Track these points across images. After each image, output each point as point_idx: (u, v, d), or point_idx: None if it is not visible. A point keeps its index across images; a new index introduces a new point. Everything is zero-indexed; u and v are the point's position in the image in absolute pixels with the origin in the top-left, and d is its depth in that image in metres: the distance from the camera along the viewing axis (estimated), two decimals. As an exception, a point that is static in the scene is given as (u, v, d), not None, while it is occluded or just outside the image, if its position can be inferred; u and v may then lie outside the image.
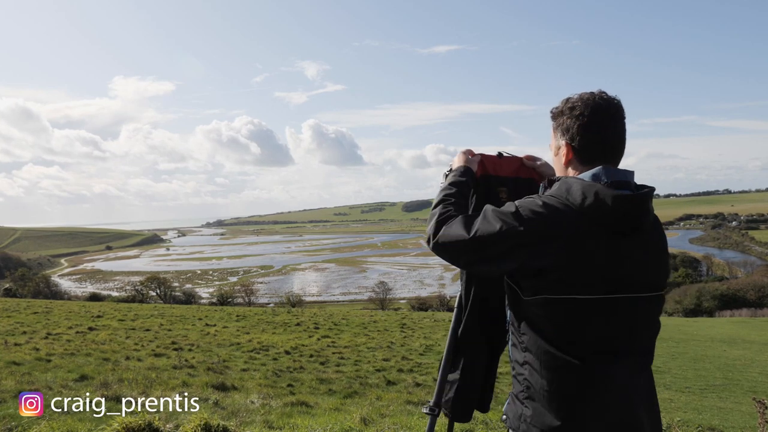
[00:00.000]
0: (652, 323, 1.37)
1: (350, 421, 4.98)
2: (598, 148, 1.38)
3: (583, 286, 1.26)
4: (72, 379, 7.21)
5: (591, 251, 1.26)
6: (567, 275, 1.26)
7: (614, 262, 1.28)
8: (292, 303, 50.94)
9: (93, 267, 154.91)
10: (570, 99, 1.42)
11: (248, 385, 7.99)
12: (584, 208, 1.27)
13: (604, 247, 1.27)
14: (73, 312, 20.50)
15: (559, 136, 1.44)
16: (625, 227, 1.28)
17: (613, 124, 1.38)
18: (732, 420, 6.29)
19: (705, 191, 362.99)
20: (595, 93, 1.39)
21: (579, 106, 1.38)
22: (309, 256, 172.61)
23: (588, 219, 1.27)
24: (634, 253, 1.30)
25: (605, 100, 1.38)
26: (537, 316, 1.32)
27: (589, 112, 1.36)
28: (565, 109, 1.42)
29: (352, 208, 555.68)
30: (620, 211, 1.26)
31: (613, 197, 1.25)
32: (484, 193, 1.77)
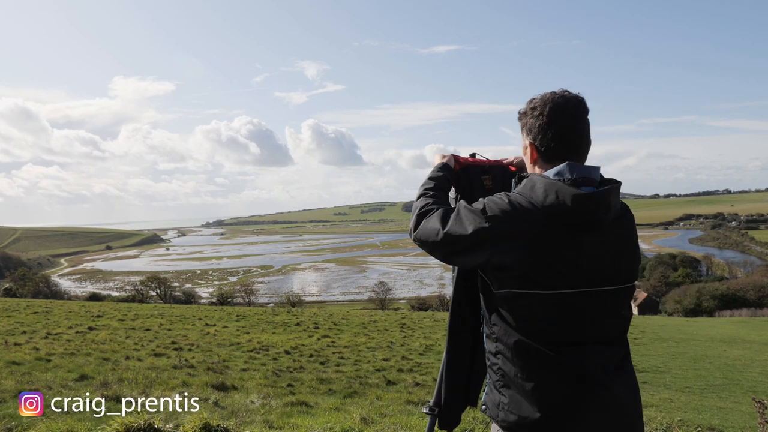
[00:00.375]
0: (619, 314, 1.41)
1: (350, 421, 4.98)
2: (560, 146, 1.41)
3: (545, 282, 1.31)
4: (72, 379, 7.21)
5: (553, 248, 1.30)
6: (530, 272, 1.31)
7: (576, 258, 1.32)
8: (292, 303, 50.94)
9: (93, 267, 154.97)
10: (533, 100, 1.46)
11: (248, 385, 7.99)
12: (546, 206, 1.31)
13: (566, 244, 1.31)
14: (73, 312, 20.50)
15: (525, 135, 1.50)
16: (585, 224, 1.32)
17: (574, 122, 1.42)
18: (732, 420, 6.29)
19: (705, 191, 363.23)
20: (556, 92, 1.44)
21: (539, 106, 1.43)
22: (309, 256, 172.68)
23: (550, 216, 1.31)
24: (597, 249, 1.34)
25: (565, 98, 1.42)
26: (505, 308, 1.37)
27: (548, 111, 1.41)
28: (528, 110, 1.47)
29: (352, 208, 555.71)
30: (581, 208, 1.30)
31: (573, 195, 1.29)
32: (468, 185, 1.84)
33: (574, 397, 1.31)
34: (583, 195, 1.30)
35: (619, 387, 1.36)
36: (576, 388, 1.31)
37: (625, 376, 1.40)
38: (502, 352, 1.39)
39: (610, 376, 1.35)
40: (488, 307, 1.44)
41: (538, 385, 1.32)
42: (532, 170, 1.49)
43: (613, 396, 1.34)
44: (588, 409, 1.31)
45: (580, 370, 1.32)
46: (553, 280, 1.31)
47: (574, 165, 1.38)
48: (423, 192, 1.66)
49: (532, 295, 1.32)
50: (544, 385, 1.32)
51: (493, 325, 1.42)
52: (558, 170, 1.39)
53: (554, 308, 1.32)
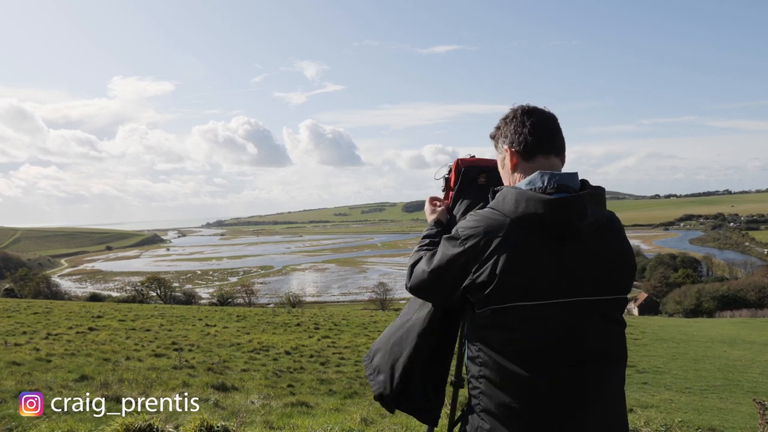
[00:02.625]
0: (607, 328, 1.35)
1: (350, 421, 4.98)
2: (536, 139, 1.44)
3: (525, 293, 1.28)
4: (72, 380, 7.21)
5: (530, 259, 1.28)
6: (509, 285, 1.28)
7: (555, 267, 1.29)
8: (293, 303, 50.93)
9: (93, 267, 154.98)
10: (506, 113, 1.53)
11: (248, 386, 7.99)
12: (518, 216, 1.30)
13: (542, 254, 1.29)
14: (73, 312, 20.50)
15: (501, 146, 1.52)
16: (560, 232, 1.29)
17: (545, 119, 1.47)
18: (732, 421, 6.28)
19: (705, 191, 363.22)
20: (522, 105, 1.51)
21: (510, 114, 1.50)
22: (309, 256, 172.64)
23: (523, 226, 1.29)
24: (577, 258, 1.31)
25: (532, 106, 1.49)
26: (487, 328, 1.34)
27: (520, 113, 1.47)
28: (500, 124, 1.53)
29: (352, 208, 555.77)
30: (552, 215, 1.28)
31: (544, 202, 1.28)
32: (468, 183, 1.92)
33: (556, 423, 1.28)
34: (554, 201, 1.27)
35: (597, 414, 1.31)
36: (558, 412, 1.28)
37: (610, 393, 1.35)
38: (485, 375, 1.35)
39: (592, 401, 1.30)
40: (471, 328, 1.40)
41: (518, 411, 1.28)
42: (511, 180, 1.48)
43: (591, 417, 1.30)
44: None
45: (563, 394, 1.28)
46: (532, 291, 1.27)
47: (546, 173, 1.37)
48: (417, 249, 1.66)
49: (513, 309, 1.28)
50: (523, 412, 1.28)
51: (475, 348, 1.38)
52: (530, 179, 1.38)
53: (535, 321, 1.28)
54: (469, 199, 1.97)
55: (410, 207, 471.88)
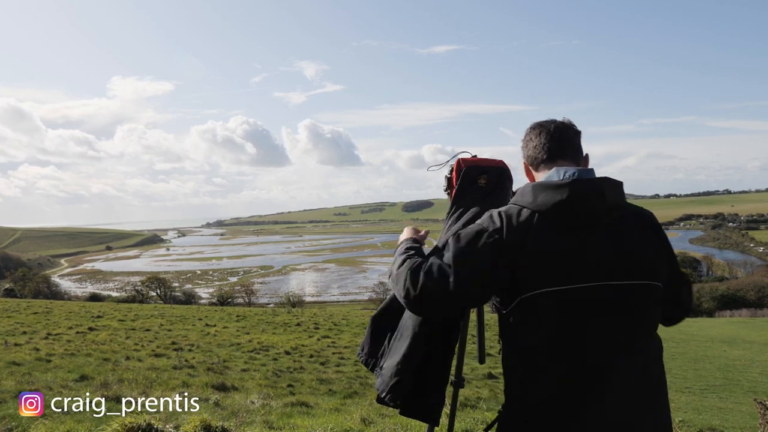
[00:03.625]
0: (634, 316, 1.33)
1: (350, 421, 4.98)
2: (548, 148, 1.47)
3: (550, 279, 1.28)
4: (72, 379, 7.21)
5: (551, 247, 1.30)
6: (535, 272, 1.29)
7: (577, 253, 1.30)
8: (292, 303, 50.95)
9: (93, 267, 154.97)
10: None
11: (248, 386, 7.99)
12: (537, 205, 1.33)
13: (565, 241, 1.30)
14: (73, 312, 20.50)
15: (523, 158, 1.58)
16: (580, 217, 1.31)
17: (556, 128, 1.49)
18: (732, 420, 6.28)
19: (705, 191, 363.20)
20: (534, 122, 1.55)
21: (527, 131, 1.55)
22: (309, 256, 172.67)
23: (543, 215, 1.32)
24: (596, 243, 1.31)
25: (543, 120, 1.53)
26: (516, 324, 1.34)
27: (529, 129, 1.53)
28: (522, 141, 1.58)
29: (352, 208, 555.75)
30: (570, 201, 1.30)
31: (562, 187, 1.32)
32: (468, 183, 1.94)
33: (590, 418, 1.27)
34: (570, 184, 1.31)
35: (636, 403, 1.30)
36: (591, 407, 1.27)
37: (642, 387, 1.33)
38: (512, 373, 1.38)
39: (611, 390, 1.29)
40: (502, 327, 1.41)
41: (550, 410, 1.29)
42: None
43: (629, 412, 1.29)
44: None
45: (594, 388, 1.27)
46: (560, 277, 1.28)
47: (561, 168, 1.40)
48: (405, 255, 1.50)
49: (540, 296, 1.28)
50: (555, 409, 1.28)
51: (507, 344, 1.39)
52: (547, 175, 1.42)
53: (564, 306, 1.28)
54: (468, 200, 1.97)
55: (410, 207, 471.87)
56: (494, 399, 7.20)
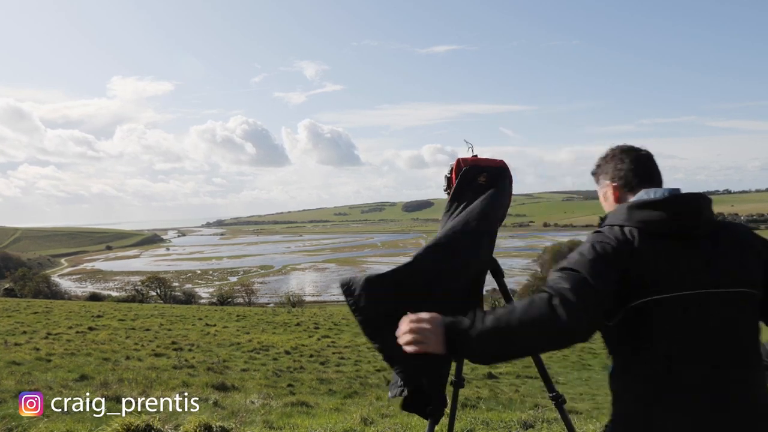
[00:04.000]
0: (731, 324, 1.39)
1: (350, 421, 4.98)
2: (635, 174, 1.56)
3: (654, 289, 1.36)
4: (72, 379, 7.21)
5: (654, 257, 1.38)
6: (640, 282, 1.36)
7: (677, 264, 1.38)
8: (292, 303, 50.96)
9: (93, 267, 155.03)
10: (605, 152, 1.66)
11: (248, 385, 7.99)
12: (636, 222, 1.42)
13: (665, 253, 1.38)
14: (73, 312, 20.51)
15: (603, 181, 1.64)
16: (678, 233, 1.40)
17: (642, 156, 1.59)
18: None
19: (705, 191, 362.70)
20: (615, 146, 1.64)
21: (609, 153, 1.63)
22: (309, 256, 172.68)
23: (642, 231, 1.41)
24: (695, 255, 1.40)
25: (628, 146, 1.62)
26: (622, 335, 1.42)
27: (618, 151, 1.61)
28: (601, 162, 1.65)
29: (352, 208, 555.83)
30: (667, 215, 1.40)
31: (658, 203, 1.42)
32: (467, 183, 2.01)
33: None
34: (668, 200, 1.42)
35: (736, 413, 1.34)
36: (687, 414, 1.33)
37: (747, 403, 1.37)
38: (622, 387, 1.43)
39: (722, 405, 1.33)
40: (607, 342, 1.48)
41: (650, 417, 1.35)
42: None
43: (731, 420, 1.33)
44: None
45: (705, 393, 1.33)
46: (665, 284, 1.36)
47: (651, 189, 1.50)
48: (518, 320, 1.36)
49: (646, 305, 1.36)
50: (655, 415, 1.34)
51: (614, 357, 1.46)
52: (638, 195, 1.51)
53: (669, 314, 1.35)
54: (467, 199, 1.98)
55: (410, 207, 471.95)
56: (494, 399, 7.20)
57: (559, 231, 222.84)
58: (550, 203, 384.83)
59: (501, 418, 5.02)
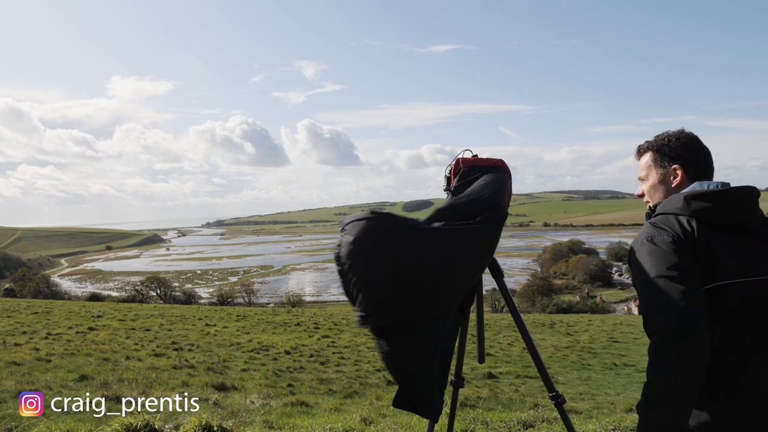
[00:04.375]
0: None
1: (350, 421, 4.97)
2: (700, 166, 1.63)
3: (717, 275, 1.41)
4: (72, 379, 7.21)
5: (713, 245, 1.43)
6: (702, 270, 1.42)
7: (734, 251, 1.43)
8: (292, 303, 50.96)
9: (93, 267, 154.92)
10: (667, 134, 1.68)
11: (248, 385, 7.99)
12: (693, 211, 1.47)
13: (722, 241, 1.44)
14: (73, 312, 20.50)
15: (668, 163, 1.66)
16: (730, 223, 1.46)
17: (707, 150, 1.67)
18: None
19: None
20: (683, 130, 1.69)
21: (682, 137, 1.66)
22: (309, 256, 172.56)
23: (699, 220, 1.46)
24: (750, 244, 1.45)
25: (696, 136, 1.68)
26: None
27: (690, 139, 1.65)
28: (669, 142, 1.67)
29: (352, 208, 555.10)
30: (726, 206, 1.46)
31: (715, 195, 1.47)
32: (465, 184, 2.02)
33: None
34: (724, 192, 1.47)
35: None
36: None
37: None
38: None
39: None
40: None
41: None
42: (671, 193, 1.62)
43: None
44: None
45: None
46: (725, 271, 1.41)
47: (704, 182, 1.57)
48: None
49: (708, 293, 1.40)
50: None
51: None
52: (691, 187, 1.57)
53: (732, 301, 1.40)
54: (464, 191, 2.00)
55: (410, 207, 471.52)
56: (494, 399, 7.19)
57: (559, 231, 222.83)
58: (550, 203, 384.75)
59: (501, 418, 5.01)
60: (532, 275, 77.17)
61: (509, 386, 8.94)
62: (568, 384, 9.68)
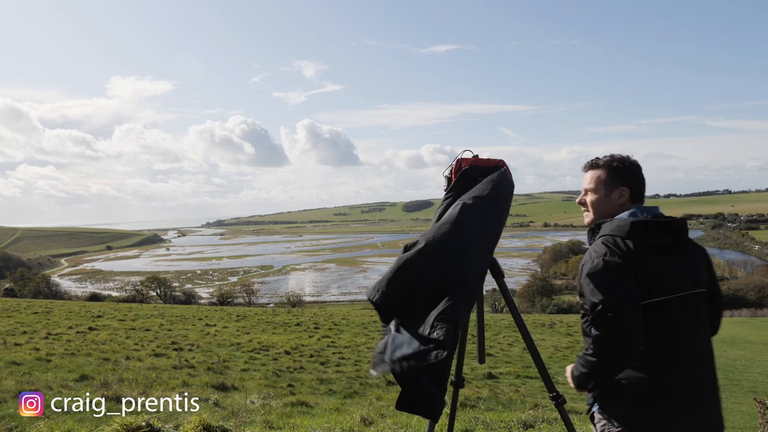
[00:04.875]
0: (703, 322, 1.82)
1: (350, 421, 4.98)
2: (640, 191, 1.94)
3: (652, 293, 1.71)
4: (72, 379, 7.21)
5: (653, 267, 1.72)
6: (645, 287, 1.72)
7: (668, 272, 1.74)
8: (292, 303, 50.92)
9: (93, 267, 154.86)
10: (620, 156, 1.94)
11: (248, 385, 8.00)
12: (638, 237, 1.75)
13: (659, 263, 1.74)
14: (73, 312, 20.51)
15: (618, 183, 1.92)
16: (665, 245, 1.77)
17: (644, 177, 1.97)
18: (732, 420, 6.28)
19: (705, 191, 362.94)
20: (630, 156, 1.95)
21: (632, 163, 1.93)
22: (309, 256, 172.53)
23: (643, 244, 1.75)
24: (677, 264, 1.77)
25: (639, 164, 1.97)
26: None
27: (636, 166, 1.94)
28: (623, 165, 1.93)
29: (352, 208, 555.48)
30: (662, 235, 1.77)
31: (656, 225, 1.78)
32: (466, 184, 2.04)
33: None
34: (663, 223, 1.78)
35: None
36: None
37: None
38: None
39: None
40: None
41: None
42: (613, 210, 1.91)
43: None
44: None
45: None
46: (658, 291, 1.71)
47: (643, 207, 1.87)
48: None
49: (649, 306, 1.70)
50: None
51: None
52: (632, 212, 1.85)
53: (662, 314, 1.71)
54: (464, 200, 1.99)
55: (410, 207, 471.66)
56: (494, 399, 7.20)
57: (559, 231, 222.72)
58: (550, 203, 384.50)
59: (501, 418, 5.02)
60: (532, 275, 77.12)
61: (509, 386, 8.94)
62: (568, 384, 9.67)
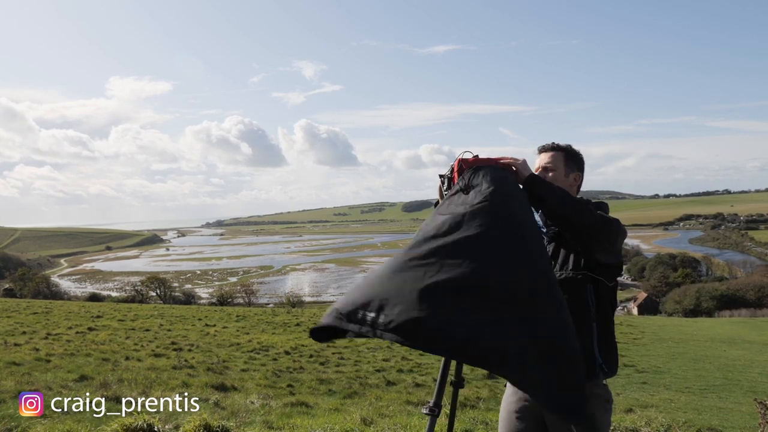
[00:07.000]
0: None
1: (350, 421, 4.98)
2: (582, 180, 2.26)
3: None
4: (72, 380, 7.21)
5: None
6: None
7: None
8: (292, 303, 50.88)
9: (93, 267, 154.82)
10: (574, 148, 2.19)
11: (248, 386, 7.99)
12: None
13: None
14: (72, 312, 20.50)
15: (575, 168, 2.18)
16: None
17: None
18: (732, 420, 6.28)
19: (705, 191, 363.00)
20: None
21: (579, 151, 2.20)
22: (309, 256, 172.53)
23: None
24: None
25: None
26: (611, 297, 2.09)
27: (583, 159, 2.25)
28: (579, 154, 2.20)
29: (352, 208, 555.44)
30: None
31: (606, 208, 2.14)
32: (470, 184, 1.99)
33: None
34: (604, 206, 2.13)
35: None
36: None
37: None
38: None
39: None
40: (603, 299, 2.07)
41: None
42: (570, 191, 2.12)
43: None
44: None
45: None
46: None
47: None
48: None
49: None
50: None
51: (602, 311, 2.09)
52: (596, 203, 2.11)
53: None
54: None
55: (410, 207, 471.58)
56: (494, 399, 7.20)
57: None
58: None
59: (501, 418, 5.01)
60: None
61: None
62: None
